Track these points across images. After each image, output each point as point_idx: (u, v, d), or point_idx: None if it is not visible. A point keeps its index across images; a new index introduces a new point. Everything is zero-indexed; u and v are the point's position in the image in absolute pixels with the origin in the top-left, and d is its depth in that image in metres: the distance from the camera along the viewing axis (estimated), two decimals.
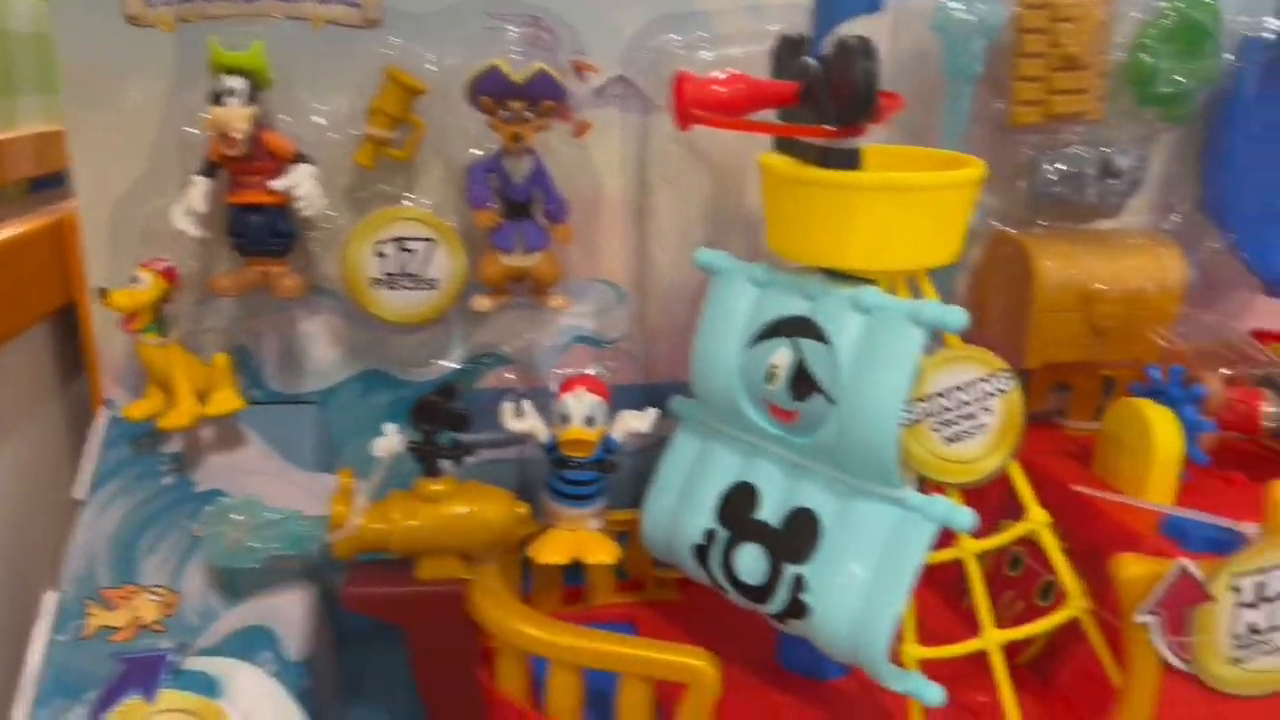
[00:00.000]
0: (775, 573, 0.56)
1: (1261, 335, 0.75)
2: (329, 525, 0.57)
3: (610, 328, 0.71)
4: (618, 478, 0.72)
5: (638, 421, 0.63)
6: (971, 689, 0.61)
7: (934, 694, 0.54)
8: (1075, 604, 0.57)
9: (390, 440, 0.57)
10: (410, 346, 0.69)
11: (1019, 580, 0.67)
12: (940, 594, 0.71)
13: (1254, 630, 0.55)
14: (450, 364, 0.69)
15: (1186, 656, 0.54)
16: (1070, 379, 0.76)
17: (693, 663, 0.54)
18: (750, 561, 0.57)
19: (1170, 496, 0.62)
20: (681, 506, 0.61)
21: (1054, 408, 0.77)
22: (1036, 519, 0.56)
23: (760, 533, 0.57)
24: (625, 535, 0.68)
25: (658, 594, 0.71)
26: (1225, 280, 0.76)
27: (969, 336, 0.55)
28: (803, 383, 0.55)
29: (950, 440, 0.54)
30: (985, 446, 0.55)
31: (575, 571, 0.70)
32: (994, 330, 0.73)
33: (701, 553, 0.60)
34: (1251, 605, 0.54)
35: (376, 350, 0.69)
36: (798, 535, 0.56)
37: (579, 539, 0.64)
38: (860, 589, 0.53)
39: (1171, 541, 0.58)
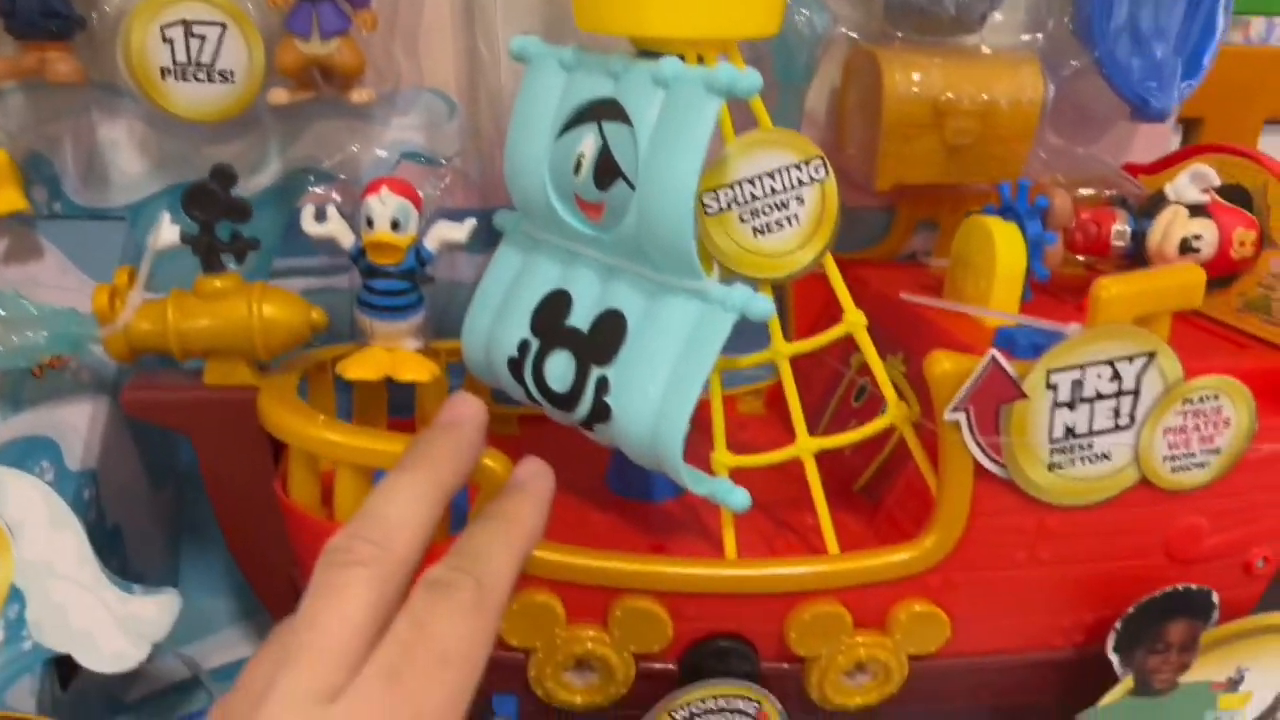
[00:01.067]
0: (581, 377, 0.53)
1: (1133, 168, 0.72)
2: (97, 322, 0.53)
3: (442, 144, 0.66)
4: (458, 307, 0.69)
5: (453, 231, 0.59)
6: (801, 511, 0.59)
7: (738, 499, 0.52)
8: (893, 412, 0.55)
9: (163, 232, 0.53)
10: (223, 158, 0.64)
11: (862, 410, 0.64)
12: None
13: (1071, 433, 0.52)
14: (265, 180, 0.65)
15: (1000, 459, 0.52)
16: (935, 215, 0.73)
17: (483, 462, 0.51)
18: (559, 368, 0.54)
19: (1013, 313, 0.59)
20: (499, 321, 0.58)
21: (921, 248, 0.75)
22: (852, 320, 0.53)
23: (570, 338, 0.54)
24: (460, 366, 0.64)
25: (496, 429, 0.68)
26: (1103, 113, 0.72)
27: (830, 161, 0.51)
28: (605, 170, 0.51)
29: (759, 232, 0.51)
30: (797, 239, 0.51)
31: (409, 406, 0.67)
32: (852, 154, 0.69)
33: (516, 366, 0.57)
34: (1069, 405, 0.52)
35: (189, 162, 0.64)
36: (604, 337, 0.53)
37: (394, 357, 0.60)
38: (659, 386, 0.50)
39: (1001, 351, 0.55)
